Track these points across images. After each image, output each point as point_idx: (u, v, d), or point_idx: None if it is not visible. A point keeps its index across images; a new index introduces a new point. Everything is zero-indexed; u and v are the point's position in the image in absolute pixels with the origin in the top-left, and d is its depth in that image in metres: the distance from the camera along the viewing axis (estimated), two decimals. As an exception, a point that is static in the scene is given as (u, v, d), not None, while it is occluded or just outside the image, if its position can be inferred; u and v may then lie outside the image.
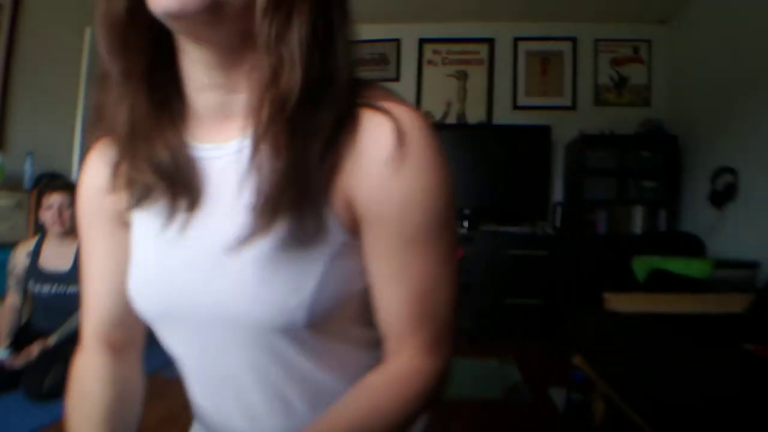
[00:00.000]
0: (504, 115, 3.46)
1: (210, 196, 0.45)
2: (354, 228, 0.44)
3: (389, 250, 0.43)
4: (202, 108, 0.45)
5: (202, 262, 0.44)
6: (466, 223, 3.21)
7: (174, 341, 0.50)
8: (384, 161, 0.40)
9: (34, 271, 1.97)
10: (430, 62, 3.58)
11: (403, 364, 0.46)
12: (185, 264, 0.45)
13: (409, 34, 3.59)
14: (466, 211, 3.19)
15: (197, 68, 0.43)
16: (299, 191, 0.39)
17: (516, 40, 3.49)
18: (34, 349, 1.84)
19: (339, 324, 0.47)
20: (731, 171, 2.49)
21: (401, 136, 0.41)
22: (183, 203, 0.45)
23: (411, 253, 0.44)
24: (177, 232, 0.46)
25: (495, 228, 3.25)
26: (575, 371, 1.73)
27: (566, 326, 1.78)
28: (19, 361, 1.82)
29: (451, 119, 3.52)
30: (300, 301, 0.41)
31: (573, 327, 1.75)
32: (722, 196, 2.52)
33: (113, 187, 0.46)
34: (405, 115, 0.42)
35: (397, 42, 3.60)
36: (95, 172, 0.51)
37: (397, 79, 3.58)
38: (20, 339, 1.93)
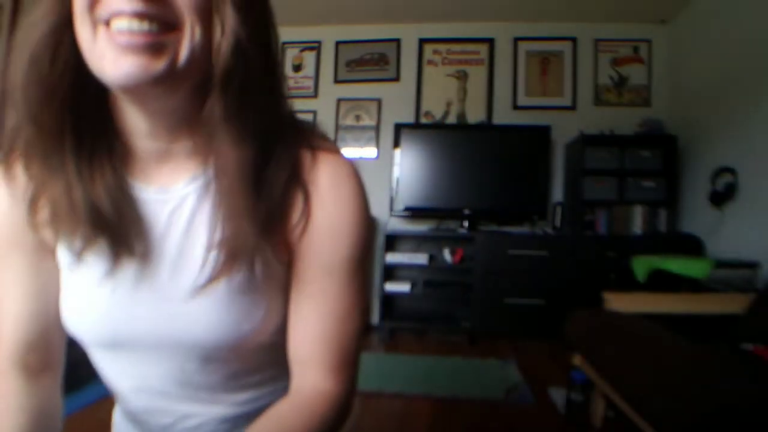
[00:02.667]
0: (504, 115, 3.46)
1: (158, 240, 0.46)
2: (289, 260, 0.49)
3: (310, 276, 0.48)
4: (141, 151, 0.45)
5: (157, 302, 0.46)
6: (466, 223, 3.21)
7: (112, 364, 0.52)
8: (319, 197, 0.46)
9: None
10: (430, 62, 3.58)
11: (308, 389, 0.48)
12: (136, 302, 0.47)
13: (409, 34, 3.59)
14: (466, 211, 3.19)
15: (138, 122, 0.43)
16: (254, 241, 0.42)
17: (516, 40, 3.49)
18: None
19: (279, 345, 0.51)
20: (731, 171, 2.49)
21: (336, 176, 0.46)
22: (130, 250, 0.45)
23: (329, 281, 0.48)
24: (124, 273, 0.46)
25: (495, 228, 3.26)
26: (575, 371, 1.73)
27: (566, 326, 1.78)
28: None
29: (451, 119, 3.52)
30: (251, 326, 0.47)
31: (573, 327, 1.75)
32: (722, 196, 2.52)
33: (33, 225, 0.45)
34: (338, 157, 0.48)
35: (397, 42, 3.59)
36: (7, 199, 0.47)
37: (397, 79, 3.58)
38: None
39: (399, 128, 3.29)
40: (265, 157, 0.43)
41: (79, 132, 0.42)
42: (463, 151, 3.23)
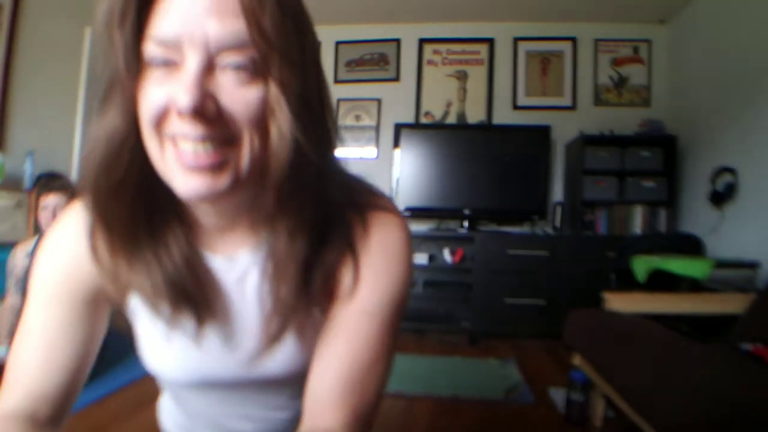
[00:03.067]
0: (504, 115, 3.46)
1: (231, 304, 0.50)
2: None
3: (347, 316, 0.47)
4: (206, 224, 0.48)
5: (236, 353, 0.51)
6: (466, 223, 3.21)
7: (192, 398, 0.57)
8: (368, 257, 0.48)
9: (34, 271, 1.97)
10: (430, 62, 3.58)
11: None
12: (217, 355, 0.51)
13: (409, 34, 3.59)
14: (466, 211, 3.19)
15: (203, 211, 0.46)
16: (305, 312, 0.47)
17: (516, 40, 3.49)
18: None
19: None
20: (731, 171, 2.49)
21: (385, 235, 0.49)
22: (211, 315, 0.49)
23: (366, 321, 0.47)
24: (205, 332, 0.50)
25: (495, 228, 3.26)
26: (575, 371, 1.73)
27: (566, 326, 1.78)
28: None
29: (451, 119, 3.52)
30: (306, 359, 0.50)
31: (573, 327, 1.75)
32: (722, 196, 2.52)
33: (114, 287, 0.47)
34: (388, 215, 0.50)
35: (397, 42, 3.60)
36: (73, 244, 0.48)
37: (397, 79, 3.58)
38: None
39: (399, 128, 3.29)
40: (320, 237, 0.45)
41: (151, 216, 0.44)
42: (463, 151, 3.23)
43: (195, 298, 0.47)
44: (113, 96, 0.39)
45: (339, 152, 0.48)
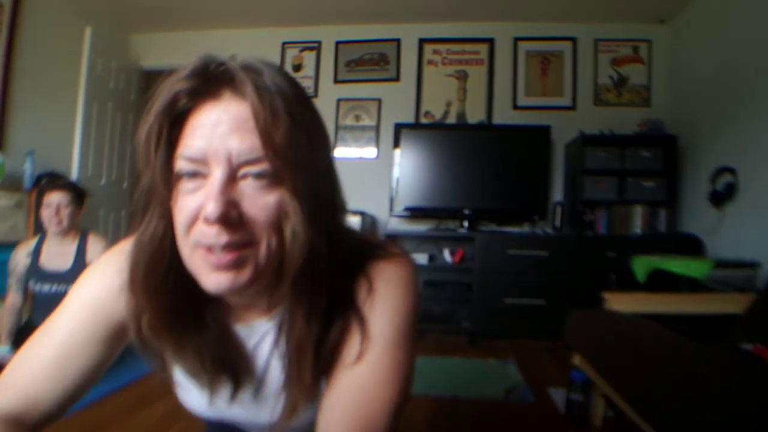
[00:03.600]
0: (504, 115, 3.46)
1: (252, 367, 0.56)
2: None
3: (373, 351, 0.49)
4: (231, 302, 0.53)
5: (257, 408, 0.57)
6: (466, 223, 3.21)
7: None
8: (373, 301, 0.51)
9: (34, 270, 1.97)
10: (430, 62, 3.58)
11: None
12: (243, 408, 0.57)
13: (409, 34, 3.59)
14: (466, 211, 3.19)
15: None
16: (317, 385, 0.50)
17: (516, 40, 3.50)
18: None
19: None
20: (731, 171, 2.49)
21: (389, 281, 0.52)
22: (240, 381, 0.54)
23: (385, 352, 0.49)
24: (236, 396, 0.55)
25: (495, 228, 3.26)
26: (575, 371, 1.73)
27: (566, 326, 1.78)
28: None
29: (451, 119, 3.52)
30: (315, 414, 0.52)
31: (573, 327, 1.75)
32: (722, 196, 2.52)
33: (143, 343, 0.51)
34: (391, 266, 0.53)
35: (397, 42, 3.60)
36: (114, 281, 0.52)
37: (397, 79, 3.58)
38: (21, 338, 1.93)
39: (399, 128, 3.29)
40: (329, 315, 0.49)
41: (189, 302, 0.49)
42: (462, 151, 3.23)
43: (233, 366, 0.53)
44: (153, 205, 0.46)
45: (344, 215, 0.52)
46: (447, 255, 3.18)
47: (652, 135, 3.04)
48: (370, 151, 3.56)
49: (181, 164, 0.43)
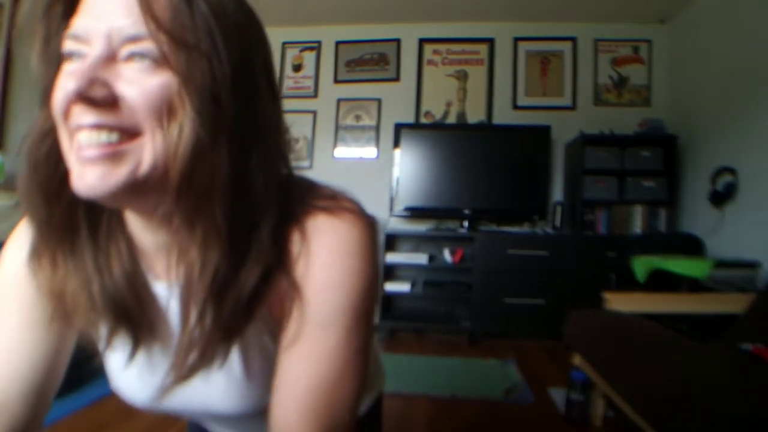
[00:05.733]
0: (504, 115, 3.46)
1: (165, 327, 0.48)
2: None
3: (301, 332, 0.43)
4: (143, 244, 0.46)
5: (200, 401, 0.49)
6: (466, 223, 3.21)
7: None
8: (313, 266, 0.43)
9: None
10: (430, 62, 3.58)
11: None
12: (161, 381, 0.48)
13: (409, 34, 3.59)
14: (466, 211, 3.19)
15: (131, 217, 0.44)
16: (224, 342, 0.42)
17: (516, 40, 3.49)
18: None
19: None
20: (731, 171, 2.49)
21: (333, 243, 0.43)
22: (151, 336, 0.47)
23: (323, 335, 0.43)
24: (147, 355, 0.49)
25: (495, 228, 3.26)
26: (575, 371, 1.73)
27: (566, 326, 1.78)
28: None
29: (451, 119, 3.52)
30: (260, 393, 0.47)
31: (573, 327, 1.75)
32: (722, 196, 2.52)
33: (57, 315, 0.45)
34: (336, 221, 0.44)
35: (397, 42, 3.59)
36: (20, 259, 0.47)
37: (397, 79, 3.58)
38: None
39: (399, 128, 3.29)
40: (241, 253, 0.41)
41: (93, 225, 0.43)
42: (463, 151, 3.23)
43: (133, 318, 0.45)
44: (44, 98, 0.39)
45: (285, 162, 0.45)
46: (447, 255, 3.18)
47: (652, 135, 3.04)
48: (370, 151, 3.56)
49: (66, 44, 0.38)
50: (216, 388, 0.48)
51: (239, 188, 0.39)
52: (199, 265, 0.40)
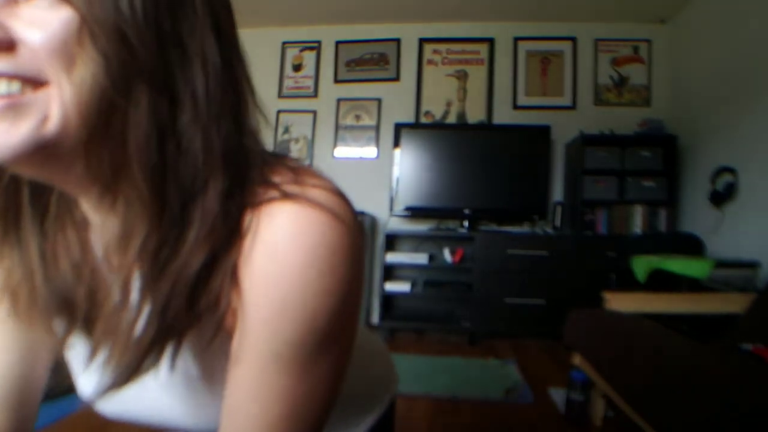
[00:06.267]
0: (504, 115, 3.46)
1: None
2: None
3: (248, 359, 0.35)
4: (93, 225, 0.40)
5: (135, 389, 0.41)
6: (466, 223, 3.21)
7: None
8: (274, 258, 0.34)
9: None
10: (430, 62, 3.58)
11: None
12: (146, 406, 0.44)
13: (409, 34, 3.59)
14: (466, 211, 3.19)
15: (82, 197, 0.38)
16: (170, 334, 0.35)
17: (516, 40, 3.49)
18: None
19: None
20: (731, 171, 2.49)
21: (289, 231, 0.34)
22: (103, 338, 0.39)
23: (273, 370, 0.35)
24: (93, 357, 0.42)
25: (495, 228, 3.26)
26: (575, 371, 1.73)
27: (566, 326, 1.78)
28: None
29: (451, 119, 3.52)
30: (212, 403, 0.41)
31: (573, 327, 1.75)
32: (722, 196, 2.52)
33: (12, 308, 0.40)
34: (297, 206, 0.34)
35: (397, 42, 3.59)
36: None
37: (397, 78, 3.58)
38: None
39: (399, 128, 3.29)
40: (176, 225, 0.34)
41: (39, 209, 0.39)
42: (463, 151, 3.23)
43: (85, 313, 0.39)
44: None
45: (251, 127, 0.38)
46: (447, 255, 3.18)
47: (652, 135, 3.04)
48: (370, 151, 3.56)
49: None
50: (175, 398, 0.42)
51: (168, 148, 0.33)
52: (121, 235, 0.34)
